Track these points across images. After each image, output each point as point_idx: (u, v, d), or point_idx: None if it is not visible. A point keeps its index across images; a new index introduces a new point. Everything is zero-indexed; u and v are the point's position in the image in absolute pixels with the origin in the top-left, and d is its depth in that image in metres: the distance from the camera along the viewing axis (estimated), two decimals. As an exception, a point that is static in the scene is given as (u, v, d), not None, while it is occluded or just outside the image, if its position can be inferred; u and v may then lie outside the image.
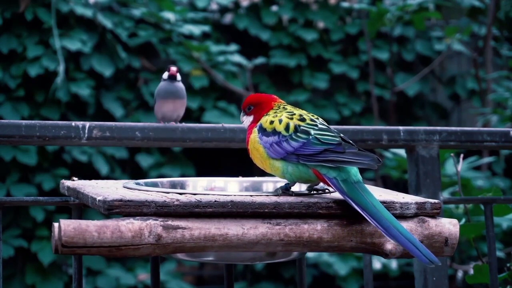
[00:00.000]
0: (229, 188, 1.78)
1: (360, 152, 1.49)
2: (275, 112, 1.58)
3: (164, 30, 4.91)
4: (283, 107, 1.60)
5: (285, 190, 1.53)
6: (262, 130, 1.56)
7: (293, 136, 1.53)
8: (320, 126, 1.55)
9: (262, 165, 1.57)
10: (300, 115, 1.56)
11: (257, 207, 1.43)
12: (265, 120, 1.57)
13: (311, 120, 1.56)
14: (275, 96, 1.64)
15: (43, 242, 4.36)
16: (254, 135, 1.57)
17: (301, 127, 1.54)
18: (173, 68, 2.13)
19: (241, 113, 1.66)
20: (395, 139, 2.13)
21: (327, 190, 1.57)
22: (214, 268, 5.08)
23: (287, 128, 1.54)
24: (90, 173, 4.47)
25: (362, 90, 5.32)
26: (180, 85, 2.14)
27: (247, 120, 1.63)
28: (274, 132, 1.55)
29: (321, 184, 1.58)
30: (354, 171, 1.50)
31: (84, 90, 4.55)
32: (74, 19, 4.69)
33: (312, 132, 1.53)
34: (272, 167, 1.55)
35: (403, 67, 5.46)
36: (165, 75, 2.14)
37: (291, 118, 1.55)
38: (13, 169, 4.43)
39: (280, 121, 1.55)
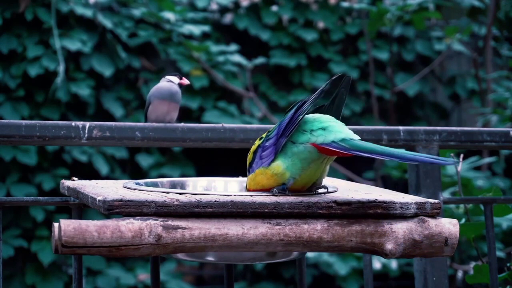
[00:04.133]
0: (229, 188, 1.78)
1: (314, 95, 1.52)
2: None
3: (164, 30, 4.91)
4: None
5: (281, 191, 1.52)
6: (249, 166, 1.59)
7: (268, 134, 1.56)
8: None
9: (268, 182, 1.55)
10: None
11: (257, 207, 1.43)
12: (247, 163, 1.61)
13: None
14: None
15: (43, 242, 4.36)
16: (251, 175, 1.59)
17: (270, 130, 1.58)
18: (186, 80, 2.17)
19: None
20: (395, 139, 2.13)
21: (326, 190, 1.57)
22: (214, 268, 5.08)
23: (260, 139, 1.58)
24: (90, 173, 4.47)
25: (362, 90, 5.33)
26: (180, 90, 2.17)
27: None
28: (254, 153, 1.57)
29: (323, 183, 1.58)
30: (348, 131, 1.51)
31: (84, 90, 4.55)
32: (74, 19, 4.69)
33: (276, 125, 1.57)
34: (274, 170, 1.52)
35: (403, 67, 5.46)
36: (174, 79, 2.15)
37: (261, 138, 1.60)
38: (13, 169, 4.43)
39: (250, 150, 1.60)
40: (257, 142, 1.59)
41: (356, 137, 1.51)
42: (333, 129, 1.51)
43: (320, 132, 1.51)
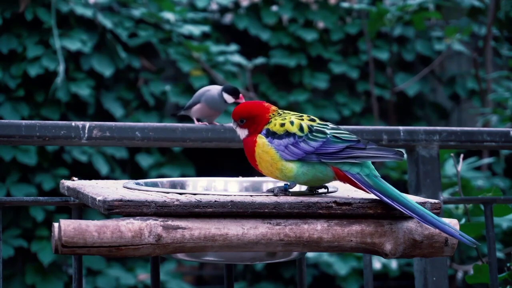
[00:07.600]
0: (229, 188, 1.78)
1: (381, 147, 1.50)
2: (280, 116, 1.56)
3: (164, 30, 4.91)
4: (283, 112, 1.58)
5: (284, 191, 1.52)
6: (271, 134, 1.53)
7: (310, 136, 1.51)
8: (331, 125, 1.54)
9: (270, 168, 1.53)
10: (308, 116, 1.56)
11: (257, 207, 1.43)
12: (273, 125, 1.54)
13: (320, 120, 1.56)
14: (265, 104, 1.59)
15: (43, 242, 4.36)
16: (262, 140, 1.53)
17: (315, 127, 1.53)
18: (242, 98, 2.12)
19: (233, 122, 1.61)
20: (395, 139, 2.13)
21: (326, 190, 1.57)
22: (214, 268, 5.08)
23: (301, 129, 1.52)
24: (90, 173, 4.47)
25: (362, 90, 5.32)
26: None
27: (241, 133, 1.59)
28: (288, 134, 1.52)
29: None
30: (372, 166, 1.50)
31: (84, 90, 4.55)
32: (74, 19, 4.69)
33: (328, 131, 1.52)
34: (284, 169, 1.51)
35: (403, 67, 5.46)
36: (229, 99, 2.12)
37: (302, 119, 1.54)
38: (13, 169, 4.43)
39: (292, 122, 1.53)
40: (304, 124, 1.53)
41: (378, 174, 1.50)
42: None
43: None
